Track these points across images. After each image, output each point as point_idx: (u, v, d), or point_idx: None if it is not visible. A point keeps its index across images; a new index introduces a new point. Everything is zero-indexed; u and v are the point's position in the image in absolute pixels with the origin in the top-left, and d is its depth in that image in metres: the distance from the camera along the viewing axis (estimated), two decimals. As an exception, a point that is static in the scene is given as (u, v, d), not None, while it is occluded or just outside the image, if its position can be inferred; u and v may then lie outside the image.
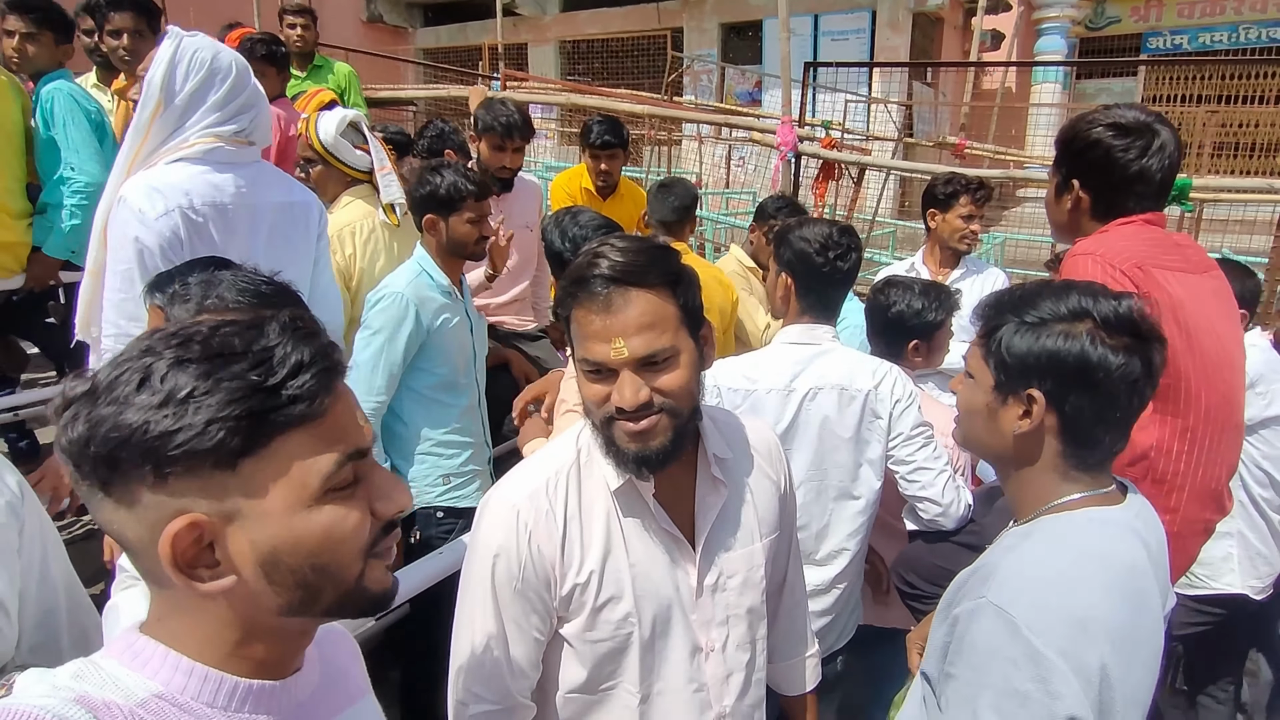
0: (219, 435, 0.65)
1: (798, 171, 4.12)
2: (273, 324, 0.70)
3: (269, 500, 0.69)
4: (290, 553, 0.70)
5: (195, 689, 0.71)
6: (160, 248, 1.95)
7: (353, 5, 15.51)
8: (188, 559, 0.67)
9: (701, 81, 13.23)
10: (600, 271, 1.09)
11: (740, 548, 1.28)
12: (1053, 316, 1.11)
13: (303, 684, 0.80)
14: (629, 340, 1.08)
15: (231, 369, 0.66)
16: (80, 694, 0.67)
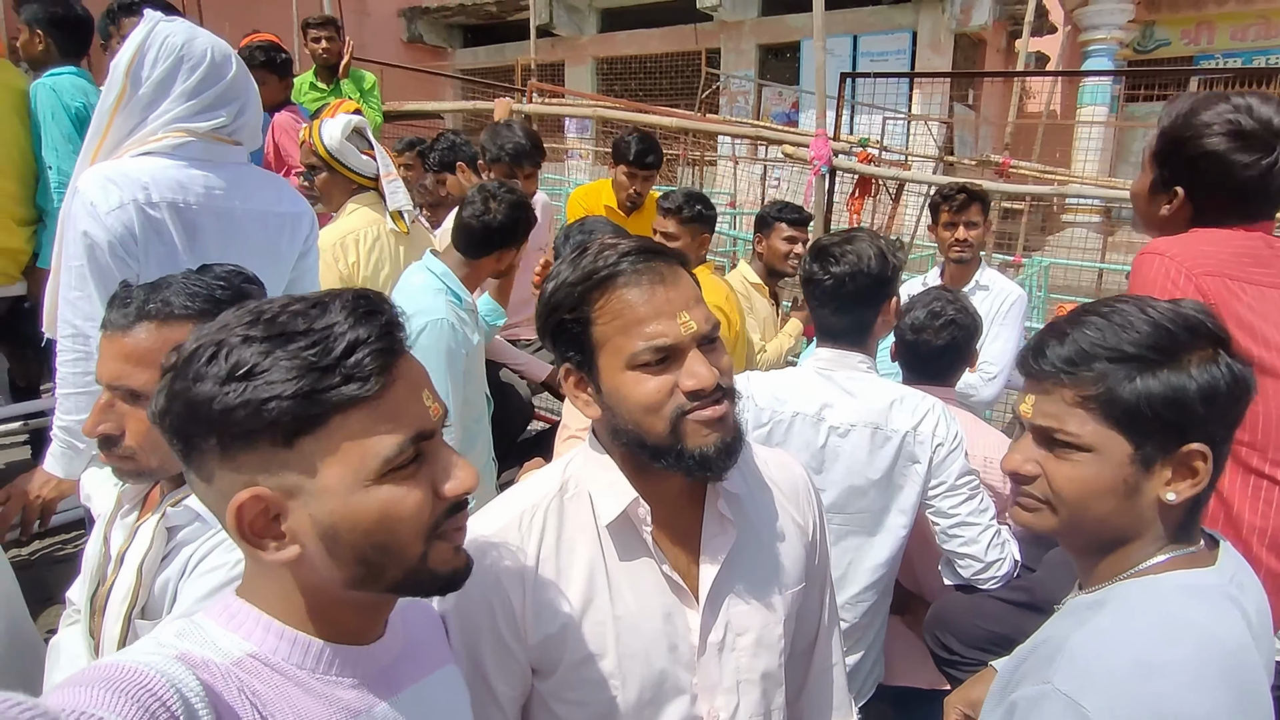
0: (274, 412, 0.67)
1: (832, 188, 3.94)
2: (336, 302, 0.72)
3: (326, 478, 0.70)
4: (349, 530, 0.72)
5: (286, 650, 0.75)
6: (110, 244, 1.80)
7: (394, 26, 15.74)
8: (256, 530, 0.71)
9: (738, 103, 13.13)
10: (628, 250, 0.97)
11: (754, 600, 1.08)
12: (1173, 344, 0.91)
13: (386, 650, 0.83)
14: (693, 313, 0.96)
15: (290, 347, 0.68)
16: (182, 651, 0.70)
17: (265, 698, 0.72)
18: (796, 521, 1.16)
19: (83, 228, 1.84)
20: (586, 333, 0.98)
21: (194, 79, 1.96)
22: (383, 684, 0.81)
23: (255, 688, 0.72)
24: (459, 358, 2.13)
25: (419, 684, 0.86)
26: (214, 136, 2.01)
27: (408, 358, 0.76)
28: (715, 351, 0.99)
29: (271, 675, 0.73)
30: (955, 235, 2.95)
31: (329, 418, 0.69)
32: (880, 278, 1.69)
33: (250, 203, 2.08)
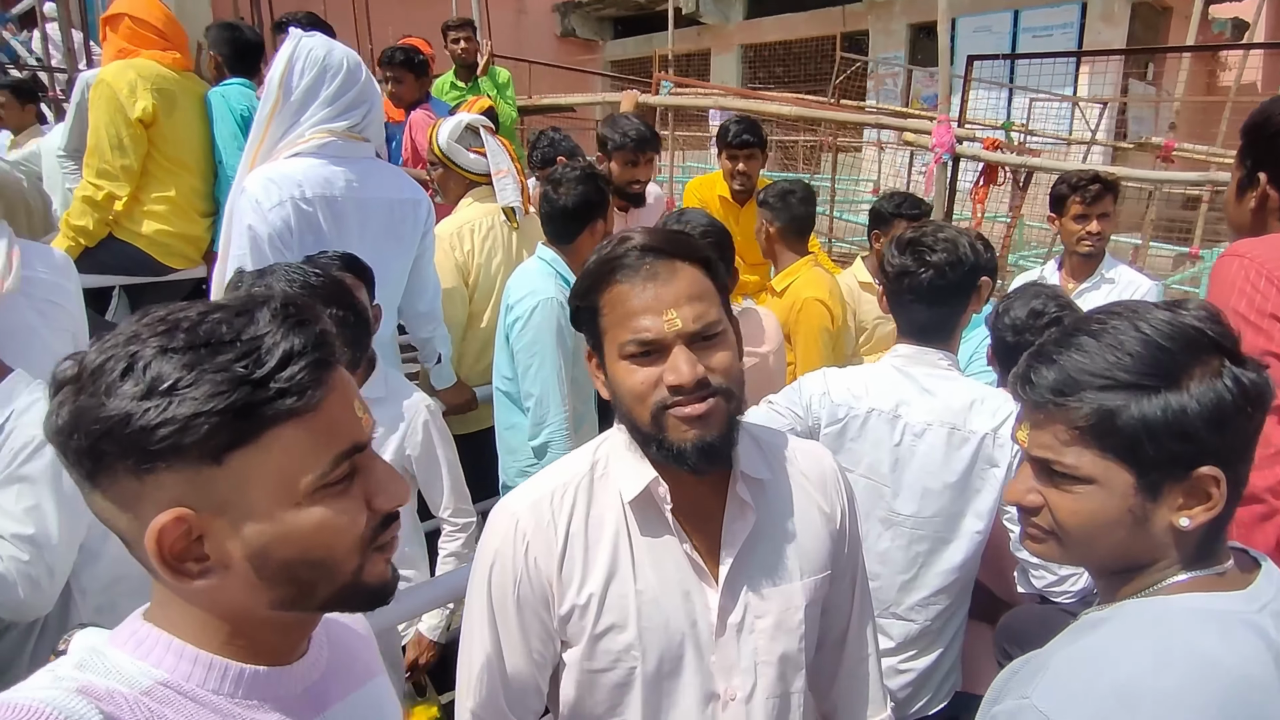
0: (203, 429, 0.63)
1: (954, 177, 3.77)
2: (263, 310, 0.67)
3: (257, 496, 0.67)
4: (280, 549, 0.68)
5: (200, 676, 0.71)
6: (270, 236, 2.09)
7: (548, 21, 16.31)
8: (175, 552, 0.66)
9: (886, 85, 12.65)
10: (635, 245, 1.03)
11: (774, 585, 1.12)
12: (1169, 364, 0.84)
13: (309, 668, 0.79)
14: (681, 310, 0.99)
15: (217, 359, 0.64)
16: (84, 684, 0.66)
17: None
18: (823, 510, 1.18)
19: (248, 222, 2.15)
20: (595, 320, 1.05)
21: (334, 85, 2.24)
22: (307, 704, 0.78)
23: (167, 717, 0.68)
24: (568, 336, 2.25)
25: (346, 700, 0.83)
26: (348, 135, 2.27)
27: (339, 369, 0.72)
28: (712, 348, 1.02)
29: (185, 703, 0.69)
30: (1087, 228, 2.75)
31: (261, 432, 0.65)
32: (977, 266, 1.66)
33: (379, 192, 2.33)
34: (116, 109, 2.84)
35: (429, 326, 2.62)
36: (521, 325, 2.24)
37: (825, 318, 2.62)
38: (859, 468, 1.69)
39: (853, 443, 1.70)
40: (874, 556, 1.70)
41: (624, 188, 3.11)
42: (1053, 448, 0.90)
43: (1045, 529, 0.94)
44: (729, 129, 3.41)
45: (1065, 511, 0.91)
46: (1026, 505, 0.95)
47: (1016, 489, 0.96)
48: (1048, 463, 0.91)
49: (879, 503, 1.69)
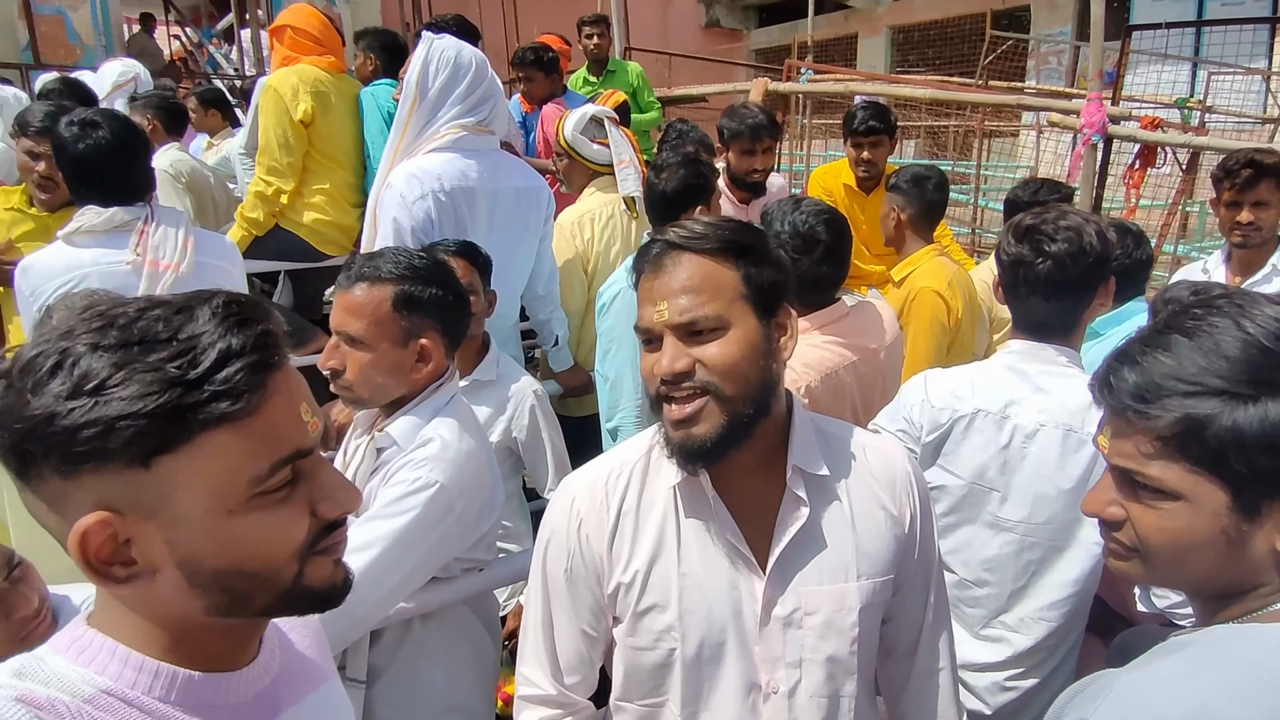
0: (128, 432, 0.60)
1: (1106, 160, 3.48)
2: (204, 308, 0.64)
3: (188, 502, 0.63)
4: (213, 557, 0.65)
5: (145, 683, 0.68)
6: (413, 228, 2.28)
7: (693, 13, 16.34)
8: (101, 556, 0.63)
9: (1049, 64, 11.79)
10: (660, 237, 1.07)
11: (826, 583, 1.10)
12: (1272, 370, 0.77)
13: (259, 673, 0.76)
14: (671, 302, 1.03)
15: (149, 358, 0.61)
16: (22, 692, 0.63)
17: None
18: (889, 511, 1.15)
19: (393, 214, 2.35)
20: None
21: (465, 83, 2.41)
22: (257, 710, 0.75)
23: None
24: None
25: (299, 705, 0.80)
26: (478, 129, 2.43)
27: (286, 370, 0.68)
28: (704, 342, 1.03)
29: (129, 712, 0.66)
30: (1237, 217, 2.49)
31: (193, 436, 0.62)
32: (1104, 258, 1.53)
33: (507, 181, 2.49)
34: (282, 111, 3.12)
35: (546, 309, 2.75)
36: (604, 310, 2.32)
37: (940, 310, 2.51)
38: (964, 472, 1.61)
39: (956, 446, 1.61)
40: (980, 563, 1.62)
41: (742, 177, 3.11)
42: (1135, 458, 0.82)
43: (1128, 545, 0.87)
44: (855, 115, 3.34)
45: (1150, 528, 0.83)
46: (1107, 519, 0.88)
47: (1097, 500, 0.89)
48: (1130, 473, 0.84)
49: (985, 507, 1.60)
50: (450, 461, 1.42)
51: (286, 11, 3.47)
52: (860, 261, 3.62)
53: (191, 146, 4.72)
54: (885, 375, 2.17)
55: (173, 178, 3.80)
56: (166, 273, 2.07)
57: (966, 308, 2.62)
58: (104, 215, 2.06)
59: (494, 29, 9.43)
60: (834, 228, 1.93)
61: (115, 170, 2.06)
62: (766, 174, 3.19)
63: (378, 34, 3.59)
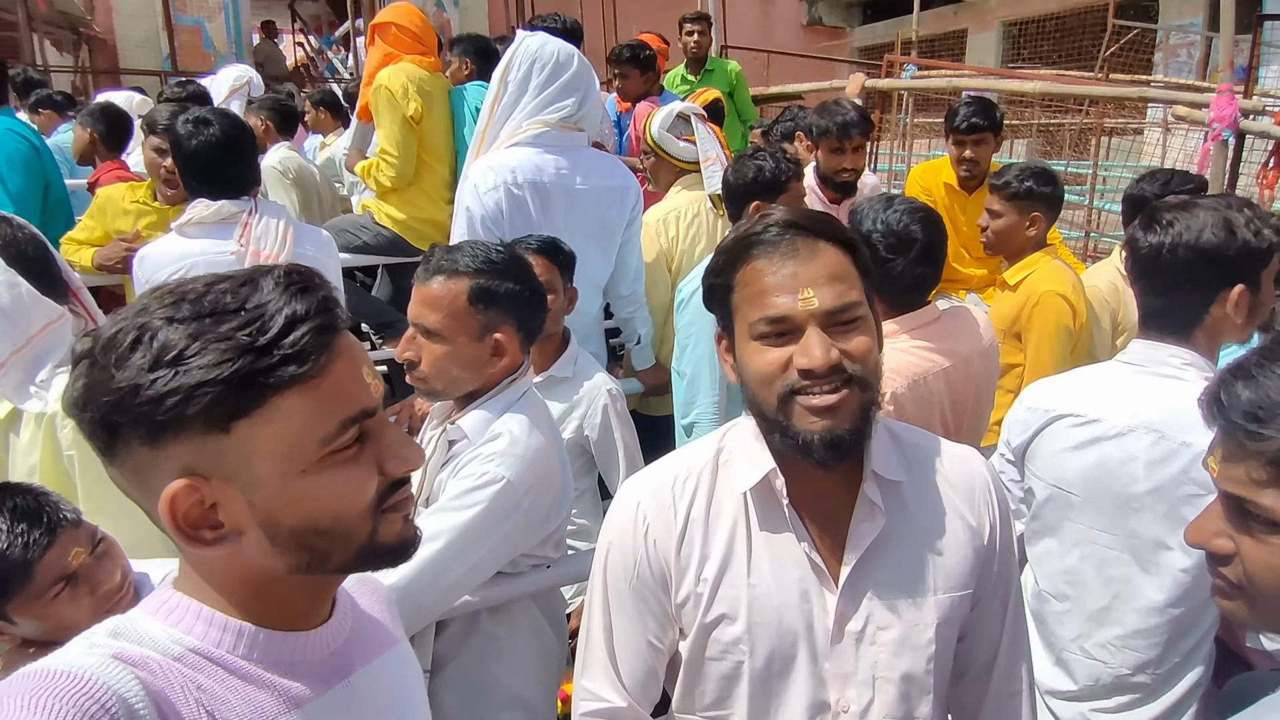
0: (207, 399, 0.63)
1: (1238, 157, 3.21)
2: (267, 279, 0.68)
3: (265, 464, 0.67)
4: (290, 517, 0.69)
5: (230, 642, 0.72)
6: (483, 218, 2.32)
7: (794, 11, 16.09)
8: (190, 520, 0.67)
9: (1178, 57, 11.01)
10: (775, 221, 1.00)
11: (902, 596, 1.05)
12: None
13: (334, 633, 0.79)
14: (819, 290, 0.96)
15: (221, 328, 0.64)
16: (118, 650, 0.67)
17: (211, 691, 0.69)
18: (967, 522, 1.09)
19: (466, 204, 2.40)
20: (728, 298, 1.03)
21: (542, 77, 2.43)
22: (331, 669, 0.78)
23: (200, 682, 0.69)
24: None
25: (369, 666, 0.83)
26: (562, 125, 2.44)
27: (345, 335, 0.72)
28: (850, 333, 0.98)
29: (214, 669, 0.70)
30: None
31: (266, 400, 0.65)
32: (1215, 255, 1.34)
33: (589, 180, 2.49)
34: (395, 108, 3.19)
35: (630, 308, 2.74)
36: (682, 306, 2.28)
37: (1066, 314, 2.37)
38: (1046, 474, 1.53)
39: (1040, 448, 1.53)
40: (1060, 574, 1.53)
41: (831, 176, 3.03)
42: (1246, 485, 0.76)
43: (1234, 583, 0.79)
44: (957, 111, 3.19)
45: (1258, 564, 0.76)
46: (1214, 550, 0.81)
47: (1203, 529, 0.82)
48: (1241, 501, 0.77)
49: (1067, 513, 1.51)
50: (518, 457, 1.42)
51: (389, 9, 3.58)
52: (959, 265, 3.46)
53: (305, 146, 4.97)
54: (979, 385, 2.06)
55: (280, 174, 4.00)
56: (267, 262, 2.16)
57: (1088, 312, 2.47)
58: (213, 207, 2.17)
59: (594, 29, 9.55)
60: (930, 226, 1.84)
61: (223, 165, 2.17)
62: (857, 174, 3.09)
63: (472, 39, 3.68)
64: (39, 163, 3.33)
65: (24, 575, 1.11)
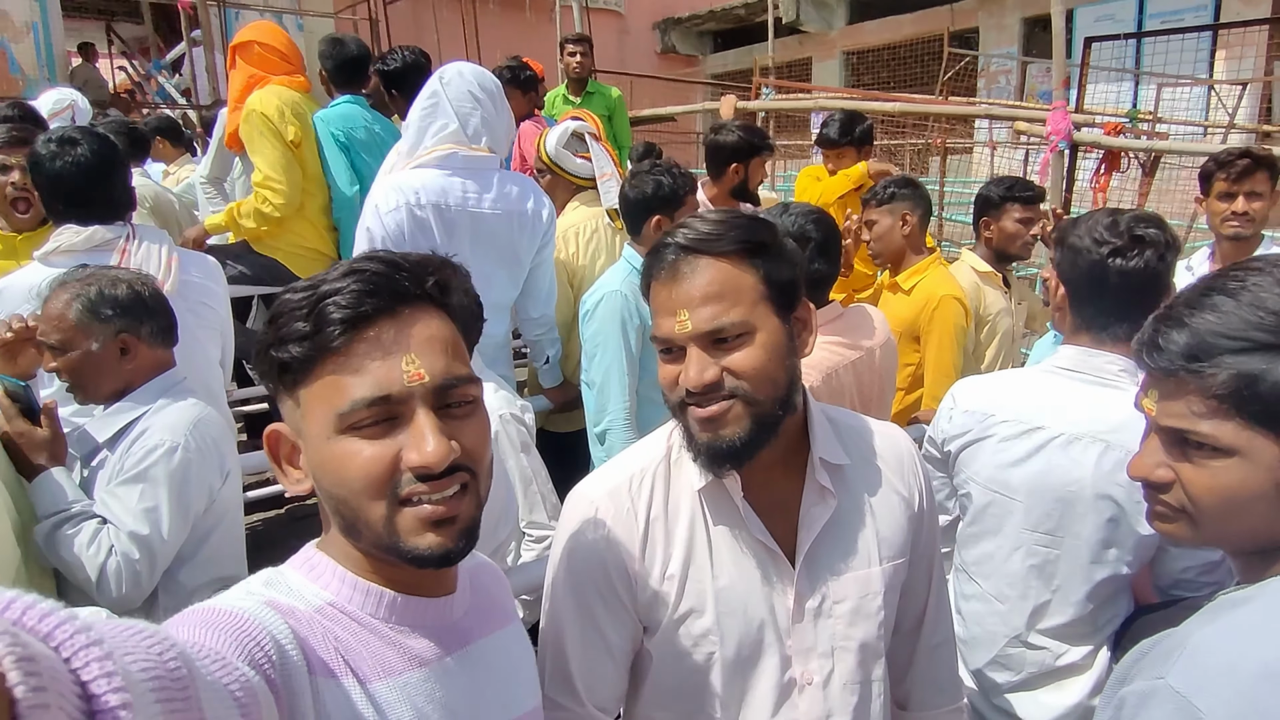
0: (274, 358, 0.76)
1: (1073, 166, 3.59)
2: (339, 266, 0.78)
3: (311, 423, 0.76)
4: (320, 476, 0.77)
5: (360, 600, 0.79)
6: (383, 238, 2.24)
7: (649, 39, 16.58)
8: (287, 457, 0.81)
9: (998, 83, 12.18)
10: (671, 240, 1.02)
11: (852, 570, 1.10)
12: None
13: (455, 605, 0.86)
14: (694, 312, 0.98)
15: (297, 298, 0.76)
16: (270, 598, 0.75)
17: (346, 643, 0.76)
18: (901, 494, 1.16)
19: (367, 224, 2.31)
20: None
21: (447, 98, 2.36)
22: (452, 637, 0.84)
23: (337, 633, 0.76)
24: (633, 328, 2.29)
25: (486, 639, 0.89)
26: (471, 148, 2.39)
27: (401, 318, 0.76)
28: (731, 349, 0.99)
29: (348, 622, 0.78)
30: (1232, 208, 2.52)
31: (313, 366, 0.75)
32: (1173, 262, 1.44)
33: (498, 204, 2.44)
34: (274, 134, 3.03)
35: (539, 330, 2.72)
36: (587, 318, 2.30)
37: (961, 315, 2.56)
38: (989, 482, 1.55)
39: (978, 453, 1.55)
40: (1002, 577, 1.56)
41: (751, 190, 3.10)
42: (1186, 418, 0.84)
43: (1175, 507, 0.88)
44: (828, 123, 3.41)
45: (1200, 487, 0.84)
46: (1155, 480, 0.89)
47: (1143, 463, 0.90)
48: (1181, 433, 0.85)
49: (1007, 519, 1.54)
50: None
51: (250, 28, 3.41)
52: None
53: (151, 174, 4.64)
54: (882, 376, 2.19)
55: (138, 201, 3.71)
56: (149, 291, 2.00)
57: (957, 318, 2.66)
58: (84, 234, 1.99)
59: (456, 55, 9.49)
60: (823, 226, 1.95)
61: (95, 188, 2.00)
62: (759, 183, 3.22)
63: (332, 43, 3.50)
64: None
65: None
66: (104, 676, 0.41)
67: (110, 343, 1.59)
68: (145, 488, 1.54)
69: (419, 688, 0.79)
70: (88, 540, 1.50)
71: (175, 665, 0.50)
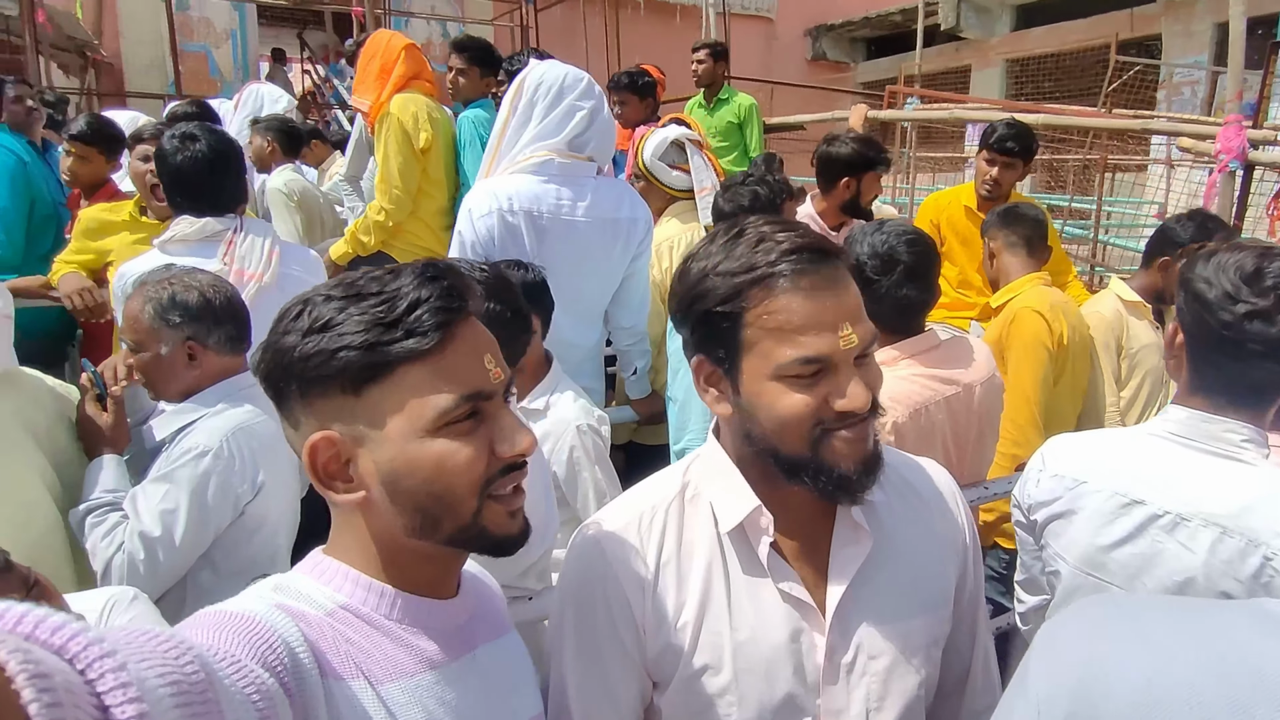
0: (343, 361, 0.75)
1: (1245, 190, 3.16)
2: (408, 269, 0.79)
3: (389, 426, 0.77)
4: (407, 476, 0.77)
5: (374, 601, 0.80)
6: (473, 243, 2.26)
7: (799, 46, 16.26)
8: (329, 471, 0.79)
9: (1181, 95, 11.07)
10: (793, 248, 0.89)
11: (890, 621, 0.98)
12: None
13: (461, 608, 0.88)
14: (857, 327, 0.90)
15: (362, 304, 0.76)
16: (280, 602, 0.77)
17: (358, 645, 0.77)
18: (942, 536, 1.05)
19: (460, 228, 2.35)
20: (735, 329, 0.92)
21: (546, 101, 2.36)
22: (459, 640, 0.85)
23: (349, 636, 0.77)
24: None
25: (489, 644, 0.89)
26: (569, 155, 2.38)
27: (472, 322, 0.81)
28: (868, 366, 0.93)
29: (361, 625, 0.79)
30: None
31: (393, 369, 0.75)
32: None
33: (592, 212, 2.42)
34: (404, 140, 3.17)
35: (630, 340, 2.68)
36: (674, 332, 2.23)
37: (1043, 331, 2.31)
38: (1080, 561, 1.35)
39: (1069, 526, 1.36)
40: None
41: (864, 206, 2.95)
42: None
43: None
44: (995, 128, 3.13)
45: None
46: None
47: None
48: None
49: None
50: None
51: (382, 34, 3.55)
52: (968, 292, 3.41)
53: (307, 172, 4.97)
54: (982, 417, 1.98)
55: (285, 196, 3.98)
56: (251, 282, 2.11)
57: (1074, 335, 2.40)
58: (196, 225, 2.13)
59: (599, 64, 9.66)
60: (917, 248, 1.80)
61: (209, 182, 2.13)
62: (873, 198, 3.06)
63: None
64: (25, 178, 3.30)
65: None
66: (119, 688, 0.42)
67: (178, 348, 1.62)
68: (170, 489, 1.54)
69: (430, 690, 0.80)
70: (104, 532, 1.53)
71: (193, 670, 0.51)
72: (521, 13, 10.62)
